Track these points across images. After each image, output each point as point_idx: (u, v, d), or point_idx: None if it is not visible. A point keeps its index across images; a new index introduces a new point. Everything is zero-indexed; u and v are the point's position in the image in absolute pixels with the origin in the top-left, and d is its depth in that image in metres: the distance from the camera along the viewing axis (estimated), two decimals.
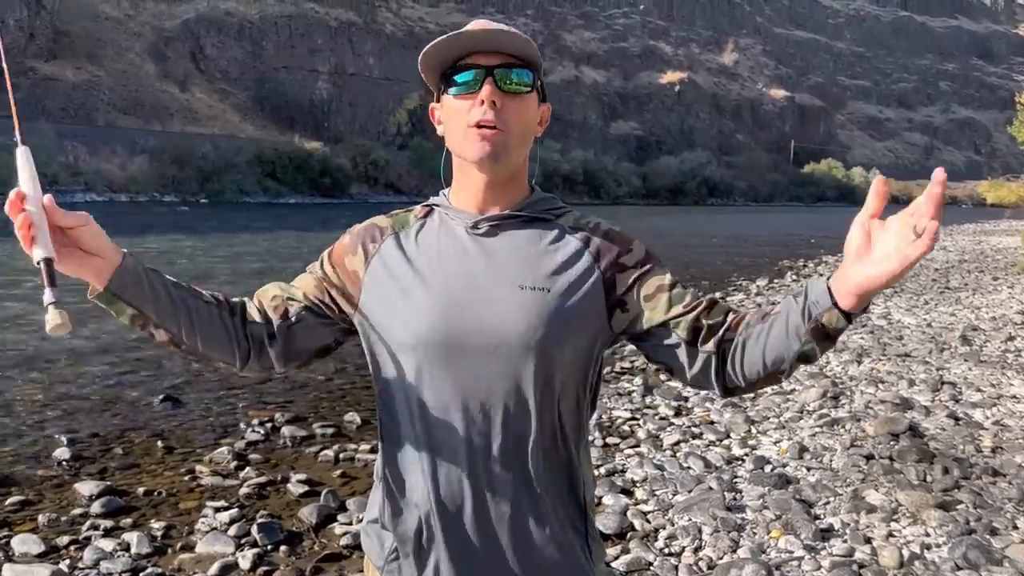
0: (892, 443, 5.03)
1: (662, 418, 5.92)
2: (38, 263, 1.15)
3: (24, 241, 1.16)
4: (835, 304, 1.16)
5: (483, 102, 1.29)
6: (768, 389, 6.74)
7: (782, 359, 1.25)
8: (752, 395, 6.58)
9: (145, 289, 1.31)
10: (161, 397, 6.29)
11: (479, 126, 1.30)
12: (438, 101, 1.39)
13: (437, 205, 1.44)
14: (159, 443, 5.27)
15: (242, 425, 5.71)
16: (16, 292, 11.79)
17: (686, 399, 6.38)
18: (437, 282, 1.34)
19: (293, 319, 1.42)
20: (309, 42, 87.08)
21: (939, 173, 1.02)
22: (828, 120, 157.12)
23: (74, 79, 63.93)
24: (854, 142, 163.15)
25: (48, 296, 1.12)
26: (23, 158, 1.22)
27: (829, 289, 1.17)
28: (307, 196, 60.29)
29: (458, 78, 1.32)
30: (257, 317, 1.42)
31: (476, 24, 1.34)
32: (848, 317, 1.17)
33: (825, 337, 1.19)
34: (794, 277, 16.32)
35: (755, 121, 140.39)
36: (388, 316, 1.36)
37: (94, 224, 1.24)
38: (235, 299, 1.44)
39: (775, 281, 15.44)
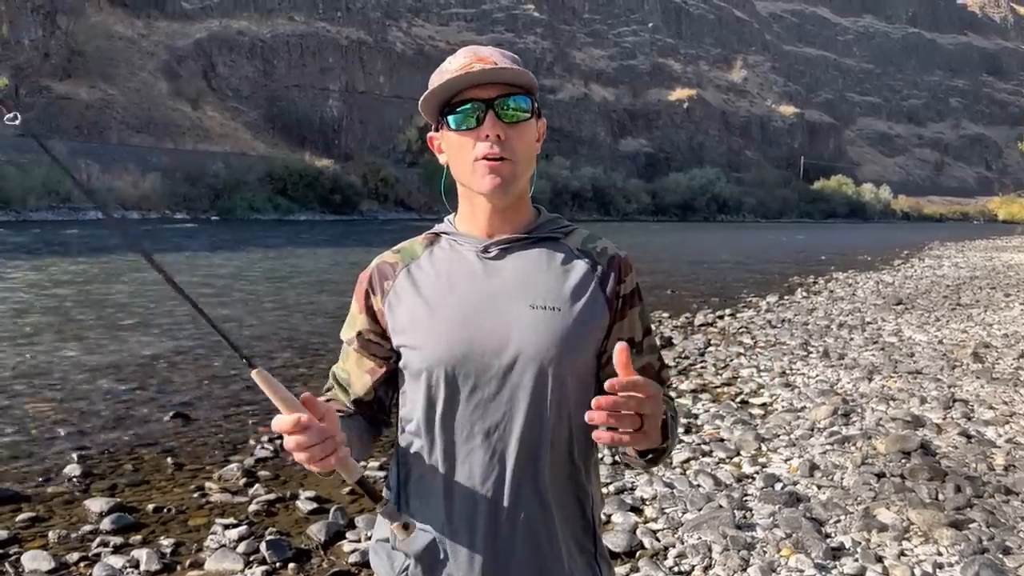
0: (903, 461, 5.00)
1: None
2: (356, 484, 1.21)
3: (327, 467, 1.17)
4: None
5: (487, 136, 1.31)
6: (778, 406, 6.72)
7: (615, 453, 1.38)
8: (762, 413, 6.55)
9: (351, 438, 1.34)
10: (171, 414, 6.31)
11: (486, 158, 1.32)
12: (437, 131, 1.41)
13: (445, 232, 1.46)
14: (169, 460, 5.28)
15: (251, 442, 5.72)
16: (25, 309, 11.86)
17: (696, 416, 6.36)
18: (450, 306, 1.37)
19: (376, 393, 1.49)
20: (320, 60, 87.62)
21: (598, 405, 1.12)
22: (838, 136, 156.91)
23: (88, 98, 64.45)
24: (864, 158, 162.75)
25: (389, 513, 1.22)
26: (264, 381, 1.14)
27: None
28: (317, 213, 60.50)
29: (459, 114, 1.34)
30: (364, 408, 1.50)
31: (469, 54, 1.35)
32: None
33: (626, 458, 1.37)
34: (804, 294, 16.26)
35: (764, 138, 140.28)
36: (408, 344, 1.40)
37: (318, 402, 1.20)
38: (349, 398, 1.50)
39: (785, 298, 15.39)
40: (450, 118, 1.35)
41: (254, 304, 13.06)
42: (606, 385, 1.11)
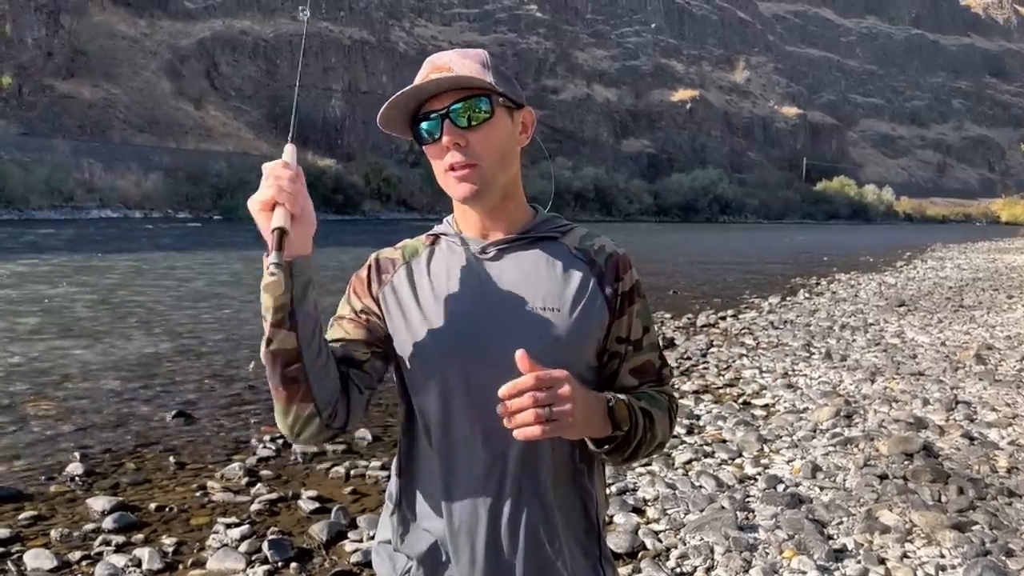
0: (906, 463, 4.99)
1: (673, 436, 5.88)
2: (273, 231, 1.20)
3: (267, 208, 1.22)
4: None
5: (447, 147, 1.31)
6: (781, 407, 6.72)
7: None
8: (765, 414, 6.55)
9: (310, 290, 1.26)
10: (173, 413, 6.32)
11: (454, 168, 1.32)
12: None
13: (444, 234, 1.45)
14: (171, 459, 5.29)
15: (253, 441, 5.72)
16: (27, 308, 11.87)
17: (698, 417, 6.36)
18: (451, 309, 1.36)
19: (370, 359, 1.38)
20: (323, 60, 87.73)
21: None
22: (840, 138, 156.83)
23: (91, 97, 64.51)
24: (867, 160, 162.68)
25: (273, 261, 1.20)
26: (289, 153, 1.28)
27: None
28: (320, 213, 59.15)
29: (422, 130, 1.33)
30: (350, 365, 1.36)
31: (427, 66, 1.35)
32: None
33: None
34: (807, 295, 16.25)
35: (767, 139, 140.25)
36: (406, 345, 1.38)
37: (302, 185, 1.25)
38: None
39: (788, 299, 15.38)
40: (417, 133, 1.34)
41: (256, 303, 12.97)
42: (499, 394, 1.16)
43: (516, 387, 1.15)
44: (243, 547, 3.88)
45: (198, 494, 4.67)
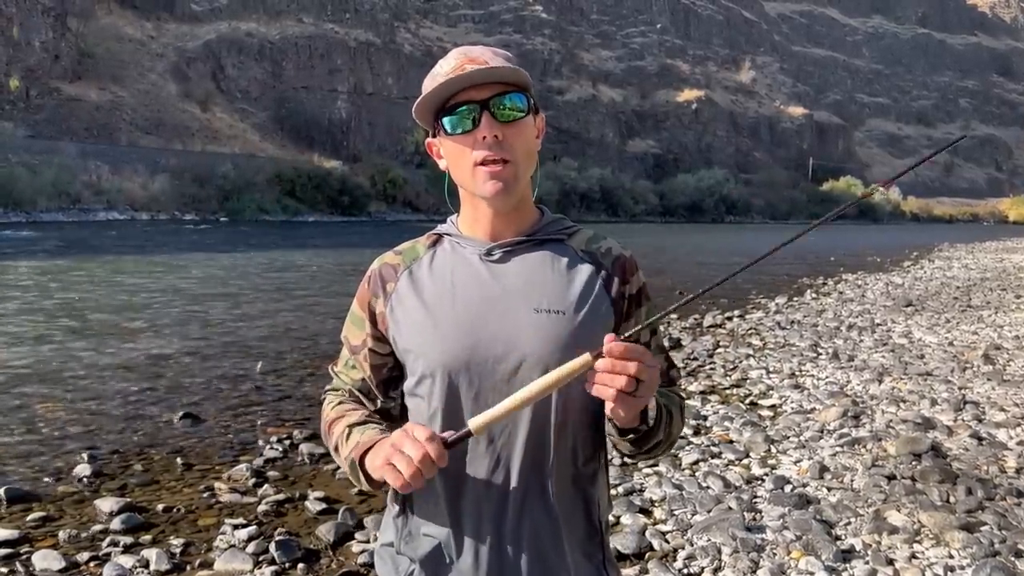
0: (914, 463, 4.98)
1: (680, 437, 5.87)
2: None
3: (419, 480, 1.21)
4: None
5: (484, 138, 1.29)
6: (788, 408, 6.70)
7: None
8: (772, 415, 6.53)
9: None
10: (180, 414, 6.33)
11: (486, 163, 1.30)
12: (435, 136, 1.39)
13: (447, 234, 1.44)
14: (178, 460, 5.30)
15: (260, 442, 5.73)
16: (35, 310, 11.91)
17: (704, 418, 6.35)
18: (454, 311, 1.35)
19: (397, 400, 1.49)
20: (329, 62, 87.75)
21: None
22: (847, 137, 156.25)
23: (97, 99, 64.65)
24: (873, 159, 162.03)
25: None
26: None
27: None
28: (325, 214, 60.60)
29: (454, 117, 1.31)
30: (386, 417, 1.48)
31: (460, 56, 1.33)
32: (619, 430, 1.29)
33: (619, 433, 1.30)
34: (813, 295, 16.21)
35: (773, 139, 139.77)
36: (411, 348, 1.38)
37: None
38: (374, 407, 1.49)
39: (794, 299, 15.34)
40: (445, 122, 1.32)
41: (263, 304, 13.09)
42: (604, 349, 1.15)
43: (631, 351, 1.15)
44: (250, 548, 3.89)
45: (205, 495, 4.68)
